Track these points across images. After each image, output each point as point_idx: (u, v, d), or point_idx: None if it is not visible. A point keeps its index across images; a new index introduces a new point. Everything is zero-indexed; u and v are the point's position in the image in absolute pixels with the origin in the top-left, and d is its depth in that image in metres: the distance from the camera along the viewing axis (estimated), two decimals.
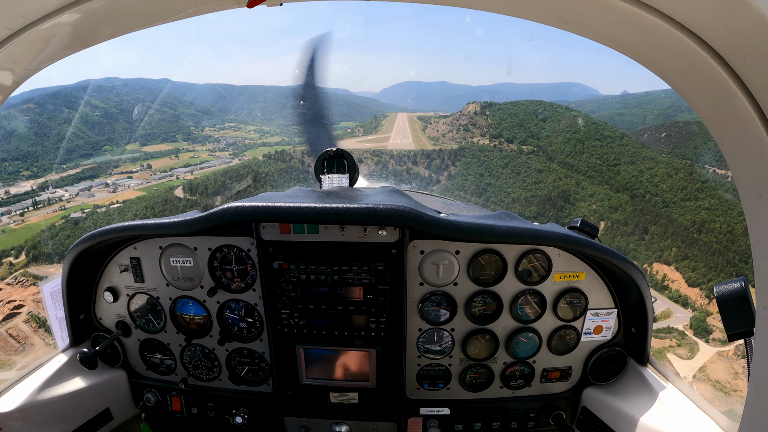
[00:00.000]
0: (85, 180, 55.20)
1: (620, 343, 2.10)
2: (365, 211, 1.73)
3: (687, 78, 0.98)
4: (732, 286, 1.31)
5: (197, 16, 1.26)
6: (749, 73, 0.84)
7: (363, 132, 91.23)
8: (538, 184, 64.73)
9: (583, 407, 2.15)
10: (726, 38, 0.83)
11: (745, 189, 0.95)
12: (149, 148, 71.87)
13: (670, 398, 1.83)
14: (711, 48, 0.86)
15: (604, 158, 62.89)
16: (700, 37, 0.86)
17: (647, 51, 1.01)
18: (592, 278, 2.00)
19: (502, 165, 68.82)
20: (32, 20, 1.00)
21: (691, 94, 1.00)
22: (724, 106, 0.92)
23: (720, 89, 0.90)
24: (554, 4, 1.03)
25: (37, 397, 1.98)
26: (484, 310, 2.03)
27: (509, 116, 76.01)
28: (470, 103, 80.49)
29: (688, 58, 0.91)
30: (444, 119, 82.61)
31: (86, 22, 1.08)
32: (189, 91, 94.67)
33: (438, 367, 2.14)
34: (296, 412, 2.20)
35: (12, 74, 1.13)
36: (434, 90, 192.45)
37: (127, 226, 1.97)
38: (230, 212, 1.79)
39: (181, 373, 2.29)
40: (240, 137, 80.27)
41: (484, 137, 74.59)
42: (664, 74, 1.02)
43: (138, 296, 2.17)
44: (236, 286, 2.06)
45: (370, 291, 1.94)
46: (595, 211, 54.71)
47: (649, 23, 0.89)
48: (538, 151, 70.24)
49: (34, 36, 1.03)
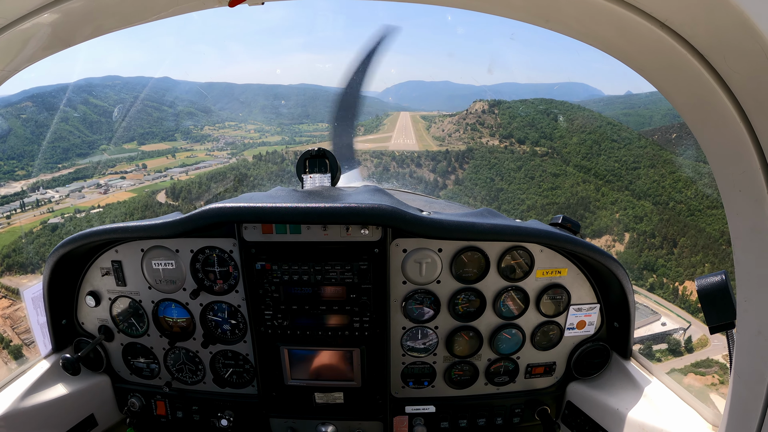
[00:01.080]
0: (77, 180, 53.40)
1: (603, 338, 2.12)
2: (347, 211, 1.73)
3: (667, 75, 0.99)
4: (713, 279, 1.33)
5: (179, 15, 1.25)
6: (728, 70, 0.85)
7: (364, 131, 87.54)
8: (555, 189, 59.93)
9: (568, 402, 2.17)
10: (706, 36, 0.84)
11: (725, 184, 0.97)
12: (147, 147, 69.85)
13: (654, 391, 1.85)
14: (691, 45, 0.87)
15: (623, 161, 58.70)
16: (680, 34, 0.87)
17: (628, 49, 1.02)
18: (574, 274, 2.01)
19: (515, 168, 63.77)
20: (11, 20, 0.99)
21: (671, 91, 1.01)
22: (703, 103, 0.93)
23: (700, 86, 0.90)
24: (535, 3, 1.04)
25: (19, 404, 1.96)
26: (468, 308, 2.04)
27: (519, 115, 71.40)
28: (477, 101, 75.96)
29: (668, 55, 0.91)
30: (449, 118, 78.15)
31: (66, 22, 1.08)
32: (190, 90, 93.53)
33: (422, 365, 2.14)
34: (282, 414, 2.20)
35: None
36: (437, 89, 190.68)
37: (108, 228, 1.95)
38: (212, 213, 1.78)
39: (165, 376, 2.27)
40: (239, 136, 78.04)
41: (494, 137, 69.88)
42: (644, 71, 1.03)
43: (120, 300, 2.15)
44: (219, 287, 2.05)
45: (353, 290, 1.94)
46: (619, 221, 49.95)
47: (629, 21, 0.90)
48: (552, 153, 65.24)
49: (12, 37, 1.02)
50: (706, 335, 31.21)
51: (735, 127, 0.88)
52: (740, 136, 0.88)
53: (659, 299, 34.22)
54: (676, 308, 32.67)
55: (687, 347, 28.49)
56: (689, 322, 30.25)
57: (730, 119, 0.88)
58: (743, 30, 0.76)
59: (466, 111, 75.14)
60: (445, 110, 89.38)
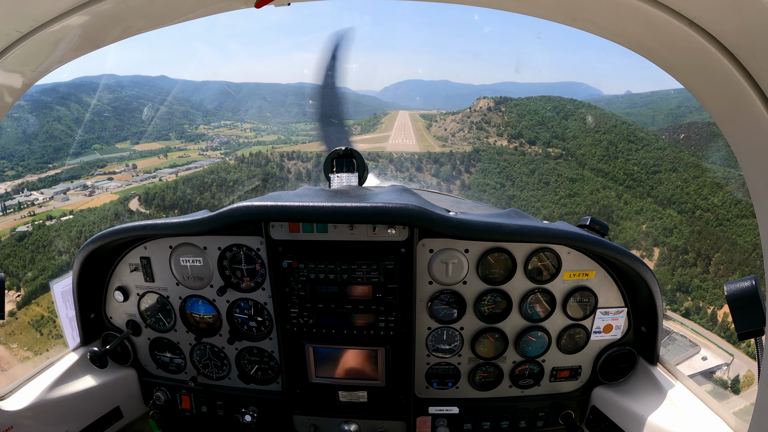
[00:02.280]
0: (64, 182, 51.59)
1: (630, 342, 2.09)
2: (374, 210, 1.73)
3: (696, 74, 0.98)
4: (742, 284, 1.30)
5: (206, 16, 1.26)
6: (758, 69, 0.84)
7: (360, 130, 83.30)
8: (573, 197, 53.38)
9: (593, 407, 2.15)
10: (735, 34, 0.83)
11: (756, 186, 0.95)
12: (140, 146, 68.29)
13: (680, 398, 1.82)
14: (720, 44, 0.86)
15: (642, 164, 53.33)
16: (709, 33, 0.86)
17: (656, 48, 1.01)
18: (601, 277, 1.99)
19: (527, 172, 57.21)
20: (42, 23, 1.01)
21: (701, 91, 1.00)
22: (733, 103, 0.93)
23: (729, 85, 0.90)
24: (563, 1, 1.03)
25: (47, 395, 2.00)
26: (494, 309, 2.03)
27: (528, 113, 65.07)
28: (481, 98, 69.60)
29: (697, 54, 0.91)
30: (452, 116, 72.14)
31: (95, 23, 1.09)
32: (186, 89, 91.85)
33: (447, 365, 2.14)
34: (305, 411, 2.21)
35: (22, 77, 1.14)
36: (436, 88, 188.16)
37: (138, 225, 1.98)
38: (240, 212, 1.80)
39: (190, 371, 2.30)
40: (234, 135, 76.08)
41: (502, 137, 63.44)
42: (673, 71, 1.03)
43: (148, 295, 2.18)
44: (246, 285, 2.06)
45: (379, 290, 1.94)
46: (647, 234, 44.53)
47: (658, 20, 0.89)
48: (566, 155, 58.99)
49: (43, 38, 1.04)
50: (753, 371, 28.41)
51: (765, 125, 0.87)
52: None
53: (697, 327, 30.58)
54: (716, 338, 28.97)
55: (733, 387, 25.42)
56: (731, 354, 27.10)
57: (761, 118, 0.87)
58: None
59: (469, 108, 69.33)
60: (445, 109, 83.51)
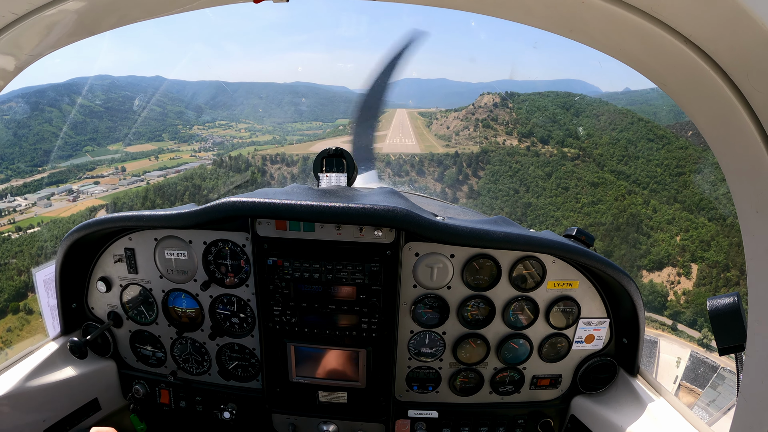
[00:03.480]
0: (50, 186, 49.86)
1: (611, 353, 2.11)
2: (362, 211, 1.73)
3: (689, 91, 1.00)
4: (725, 300, 1.33)
5: (202, 9, 1.26)
6: (751, 89, 0.84)
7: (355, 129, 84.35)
8: (596, 204, 47.85)
9: (572, 416, 2.16)
10: (730, 53, 0.84)
11: (742, 203, 0.97)
12: (133, 148, 66.54)
13: (660, 410, 1.84)
14: (714, 62, 0.87)
15: (664, 165, 49.20)
16: (704, 50, 0.87)
17: (651, 62, 1.03)
18: (585, 287, 2.01)
19: (543, 176, 51.59)
20: (37, 6, 1.00)
21: (692, 107, 1.01)
22: (724, 121, 0.94)
23: (721, 103, 0.91)
24: (559, 13, 1.04)
25: (25, 384, 1.97)
26: (477, 315, 2.04)
27: (538, 109, 59.78)
28: (484, 93, 64.19)
29: (691, 71, 0.91)
30: (455, 113, 66.74)
31: (91, 10, 1.09)
32: (182, 89, 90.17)
33: (428, 369, 2.14)
34: (285, 410, 2.20)
35: (15, 59, 1.13)
36: (434, 87, 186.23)
37: (123, 216, 1.96)
38: (227, 207, 1.79)
39: (170, 366, 2.28)
40: (229, 136, 74.11)
41: (511, 136, 58.23)
42: (666, 87, 1.04)
43: (131, 287, 2.16)
44: (230, 281, 2.05)
45: (363, 291, 1.94)
46: (683, 249, 39.89)
47: (653, 35, 0.90)
48: (583, 155, 53.56)
49: (38, 22, 1.03)
50: None
51: (755, 146, 0.88)
52: (760, 156, 0.87)
53: None
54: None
55: None
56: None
57: (751, 138, 0.88)
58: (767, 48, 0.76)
59: (472, 105, 64.24)
60: (444, 107, 79.40)
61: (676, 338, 26.08)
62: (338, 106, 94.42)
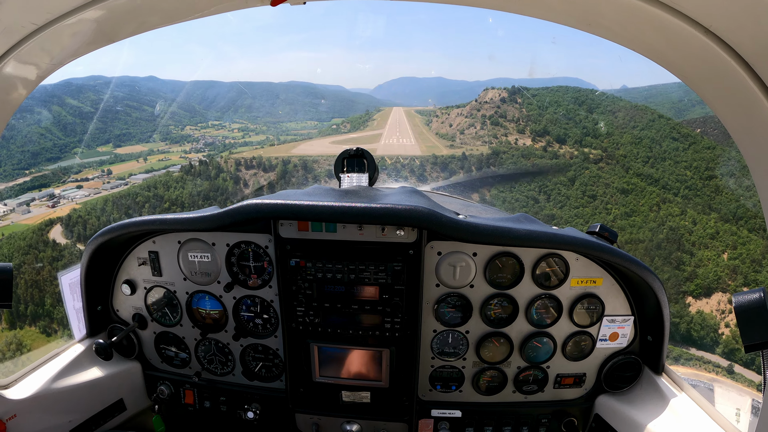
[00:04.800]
0: (32, 190, 47.17)
1: (636, 351, 2.09)
2: (384, 211, 1.74)
3: (710, 82, 0.98)
4: (751, 296, 1.30)
5: (221, 13, 1.26)
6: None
7: (350, 128, 73.87)
8: (630, 216, 40.00)
9: (596, 415, 2.14)
10: (751, 43, 0.82)
11: (767, 195, 0.95)
12: (123, 149, 64.43)
13: (685, 408, 1.82)
14: (736, 53, 0.85)
15: (693, 167, 43.63)
16: (724, 41, 0.85)
17: (671, 54, 1.02)
18: (609, 284, 1.99)
19: (565, 182, 43.99)
20: (57, 15, 1.02)
21: (714, 99, 1.00)
22: (746, 112, 0.93)
23: (744, 94, 0.90)
24: (577, 7, 1.04)
25: (51, 385, 2.00)
26: (500, 314, 2.03)
27: (550, 105, 53.66)
28: (488, 89, 57.99)
29: (712, 62, 0.90)
30: (458, 110, 60.15)
31: (110, 18, 1.11)
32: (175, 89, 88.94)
33: (451, 369, 2.14)
34: (308, 410, 2.21)
35: (36, 69, 1.15)
36: (430, 85, 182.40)
37: (147, 220, 1.99)
38: (249, 209, 1.81)
39: (195, 366, 2.30)
40: (221, 136, 72.17)
41: (524, 134, 51.16)
42: (687, 78, 1.03)
43: (155, 290, 2.19)
44: (253, 282, 2.07)
45: (386, 291, 1.95)
46: (734, 270, 34.01)
47: (673, 27, 0.89)
48: (607, 157, 46.19)
49: (58, 31, 1.05)
50: None
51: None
52: None
53: None
54: None
55: None
56: None
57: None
58: None
59: (475, 101, 58.00)
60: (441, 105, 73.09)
61: (732, 383, 21.95)
62: (333, 105, 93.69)
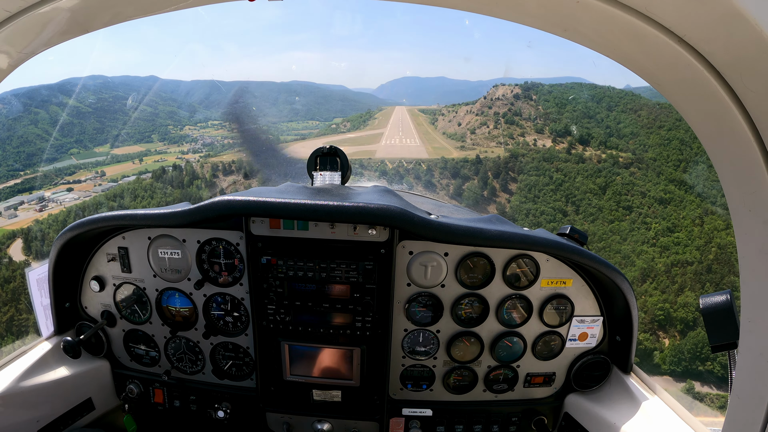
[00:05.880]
0: (22, 193, 46.00)
1: (604, 351, 2.12)
2: (356, 210, 1.73)
3: (683, 91, 1.01)
4: (717, 298, 1.34)
5: (196, 7, 1.26)
6: (744, 89, 0.85)
7: (350, 127, 71.85)
8: (674, 232, 34.58)
9: (566, 413, 2.18)
10: (724, 53, 0.84)
11: (735, 203, 0.98)
12: (120, 150, 63.57)
13: (653, 408, 1.85)
14: (708, 62, 0.87)
15: None
16: (697, 50, 0.87)
17: (645, 62, 1.03)
18: (579, 285, 2.02)
19: (596, 190, 37.89)
20: (30, 3, 0.99)
21: (686, 107, 1.03)
22: (717, 120, 0.95)
23: (715, 103, 0.92)
24: (554, 12, 1.05)
25: (19, 384, 1.97)
26: (471, 313, 2.05)
27: (568, 102, 49.06)
28: (498, 85, 54.24)
29: (684, 71, 0.92)
30: (467, 107, 55.82)
31: (85, 7, 1.08)
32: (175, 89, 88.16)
33: (422, 368, 2.15)
34: (279, 409, 2.20)
35: (8, 57, 1.12)
36: (433, 85, 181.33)
37: (117, 215, 1.95)
38: (220, 205, 1.79)
39: (164, 365, 2.28)
40: (220, 136, 70.28)
41: (543, 134, 45.94)
42: (660, 86, 1.05)
43: (124, 286, 2.16)
44: (223, 279, 2.05)
45: (357, 290, 1.95)
46: None
47: (647, 35, 0.90)
48: (636, 161, 40.87)
49: (31, 20, 1.03)
50: None
51: (748, 146, 0.89)
52: (753, 156, 0.88)
53: None
54: None
55: None
56: None
57: (744, 138, 0.89)
58: (761, 49, 0.76)
59: (483, 98, 53.44)
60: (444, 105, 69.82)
61: None
62: (336, 105, 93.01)
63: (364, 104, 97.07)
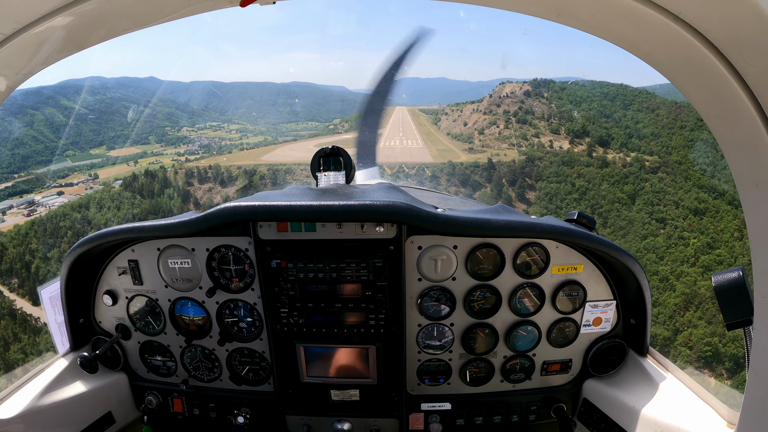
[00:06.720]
0: (13, 196, 45.32)
1: (620, 335, 2.11)
2: (362, 208, 1.74)
3: (682, 69, 1.00)
4: (730, 275, 1.33)
5: (191, 16, 1.26)
6: (744, 64, 0.84)
7: (348, 128, 69.51)
8: (714, 248, 30.00)
9: (584, 399, 2.17)
10: (721, 29, 0.83)
11: (742, 178, 0.97)
12: (116, 152, 62.91)
13: (671, 388, 1.84)
14: (706, 39, 0.86)
15: None
16: (694, 28, 0.86)
17: (642, 43, 1.02)
18: (590, 270, 2.01)
19: (624, 199, 34.01)
20: (25, 24, 1.00)
21: (687, 85, 1.01)
22: (719, 97, 0.94)
23: (715, 80, 0.91)
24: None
25: (38, 402, 1.98)
26: (483, 305, 2.04)
27: (583, 100, 44.93)
28: (504, 82, 50.43)
29: (682, 49, 0.91)
30: (473, 105, 51.74)
31: (79, 24, 1.08)
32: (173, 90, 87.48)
33: (438, 362, 2.15)
34: (298, 411, 2.21)
35: (5, 79, 1.13)
36: (433, 85, 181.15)
37: (125, 228, 1.97)
38: (227, 212, 1.80)
39: (181, 374, 2.29)
40: (218, 138, 70.27)
41: (559, 135, 41.93)
42: (659, 66, 1.04)
43: (137, 299, 2.17)
44: (235, 285, 2.06)
45: (368, 288, 1.95)
46: None
47: (643, 15, 0.89)
48: (664, 165, 36.64)
49: (27, 40, 1.03)
50: None
51: (751, 121, 0.88)
52: (757, 130, 0.87)
53: None
54: None
55: None
56: None
57: (747, 113, 0.88)
58: (759, 23, 0.75)
59: (490, 96, 48.86)
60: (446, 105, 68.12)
61: None
62: (335, 105, 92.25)
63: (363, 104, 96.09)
